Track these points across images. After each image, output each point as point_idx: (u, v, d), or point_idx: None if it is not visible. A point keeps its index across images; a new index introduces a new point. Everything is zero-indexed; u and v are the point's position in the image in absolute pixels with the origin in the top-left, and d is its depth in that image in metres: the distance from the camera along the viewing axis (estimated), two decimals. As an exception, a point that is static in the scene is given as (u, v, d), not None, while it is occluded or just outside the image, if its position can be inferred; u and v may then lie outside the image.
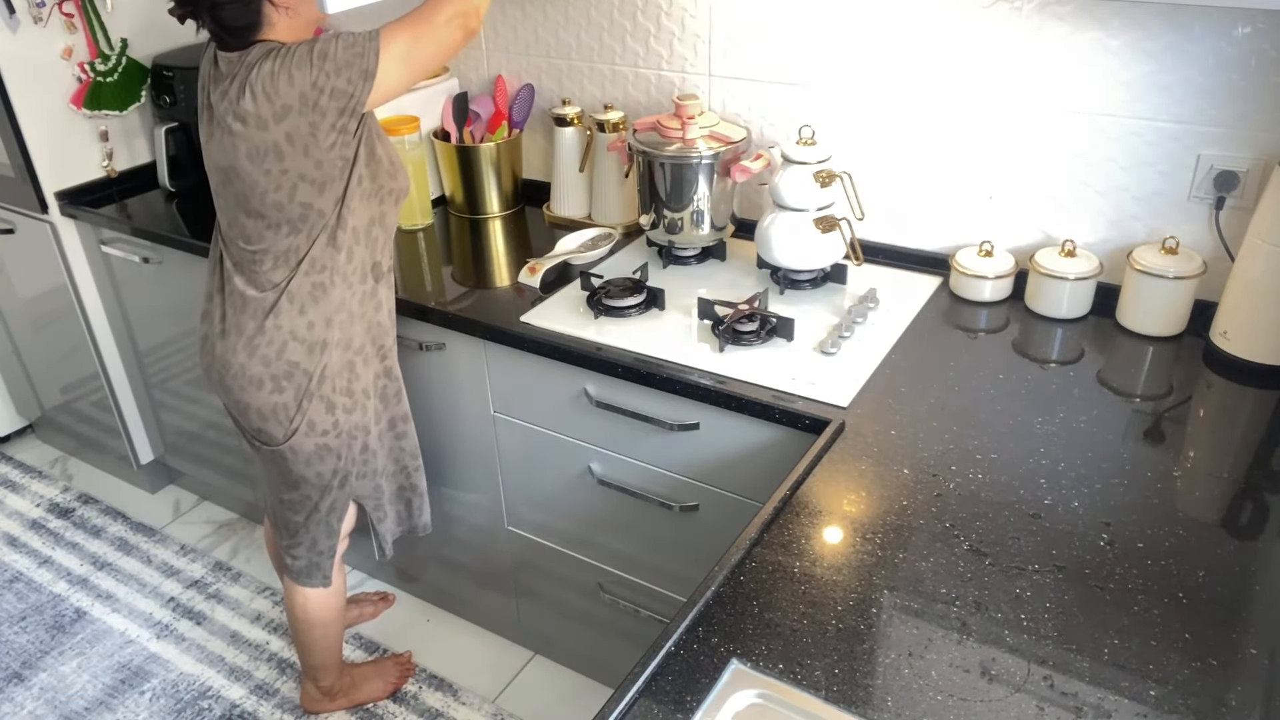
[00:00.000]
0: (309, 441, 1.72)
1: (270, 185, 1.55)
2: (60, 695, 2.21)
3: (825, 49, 1.80)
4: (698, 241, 1.90)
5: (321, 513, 1.82)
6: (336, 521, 1.85)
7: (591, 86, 2.12)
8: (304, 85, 1.48)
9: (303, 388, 1.68)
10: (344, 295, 1.68)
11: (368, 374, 1.76)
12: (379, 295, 1.74)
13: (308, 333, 1.66)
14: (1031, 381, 1.50)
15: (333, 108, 1.50)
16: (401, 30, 1.51)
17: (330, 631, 1.98)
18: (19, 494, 2.89)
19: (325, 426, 1.72)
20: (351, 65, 1.49)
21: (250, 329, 1.66)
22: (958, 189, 1.78)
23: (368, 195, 1.63)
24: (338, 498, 1.81)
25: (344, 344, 1.70)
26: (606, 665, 2.10)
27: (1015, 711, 0.95)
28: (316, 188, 1.56)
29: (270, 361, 1.66)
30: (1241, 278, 1.49)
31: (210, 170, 1.63)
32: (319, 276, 1.64)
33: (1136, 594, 1.08)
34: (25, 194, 2.40)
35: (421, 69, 1.55)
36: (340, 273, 1.66)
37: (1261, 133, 1.50)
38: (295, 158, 1.53)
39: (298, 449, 1.72)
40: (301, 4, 1.54)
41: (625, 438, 1.70)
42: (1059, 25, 1.58)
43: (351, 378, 1.73)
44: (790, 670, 1.00)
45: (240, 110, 1.51)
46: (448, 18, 1.51)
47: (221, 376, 1.71)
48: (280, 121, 1.50)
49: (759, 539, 1.18)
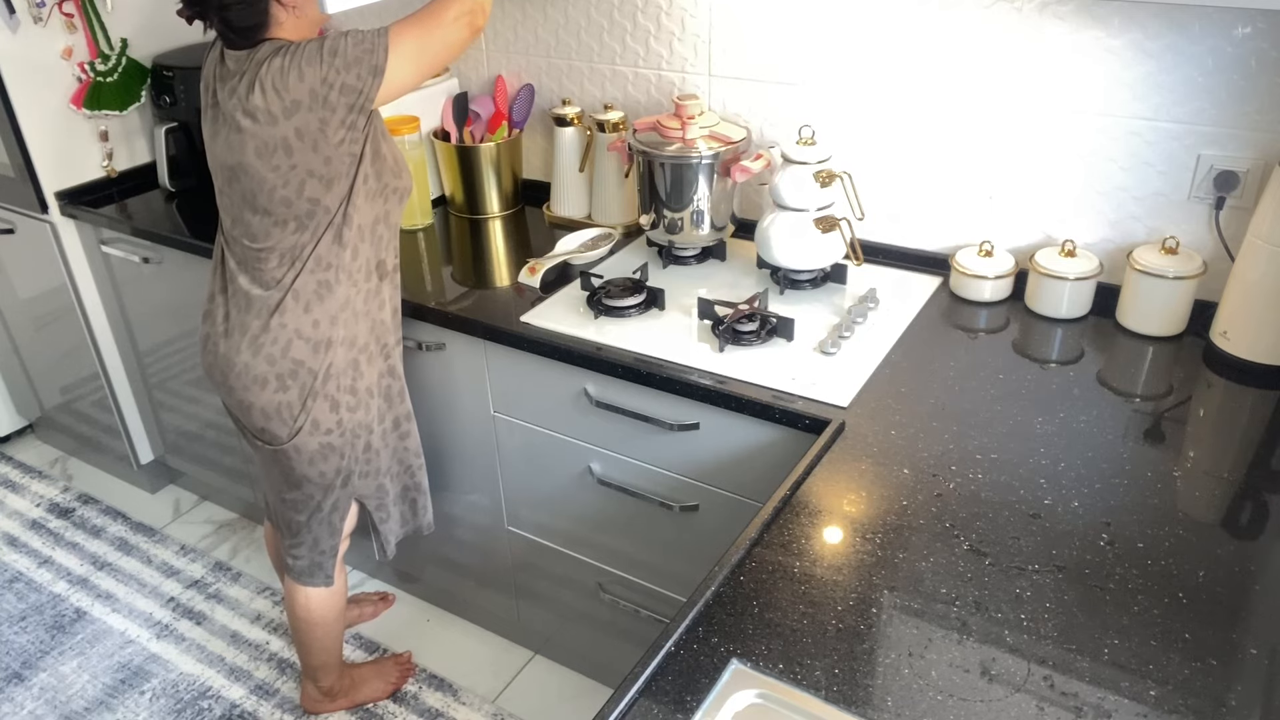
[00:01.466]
0: (313, 440, 1.72)
1: (279, 181, 1.56)
2: (60, 695, 2.21)
3: (825, 49, 1.80)
4: (698, 241, 1.90)
5: (324, 512, 1.82)
6: (339, 521, 1.85)
7: (591, 86, 2.12)
8: (314, 81, 1.49)
9: (307, 386, 1.68)
10: (349, 293, 1.68)
11: (372, 372, 1.76)
12: (383, 293, 1.74)
13: (313, 331, 1.67)
14: (1031, 381, 1.50)
15: (342, 103, 1.51)
16: (410, 28, 1.53)
17: (331, 631, 1.98)
18: (19, 494, 2.89)
19: (329, 425, 1.72)
20: (361, 61, 1.50)
21: (255, 328, 1.66)
22: (958, 189, 1.78)
23: (373, 194, 1.64)
24: (340, 497, 1.81)
25: (349, 342, 1.71)
26: (606, 665, 2.10)
27: (1015, 711, 0.95)
28: (324, 184, 1.57)
29: (275, 360, 1.66)
30: (1241, 278, 1.49)
31: (215, 169, 1.64)
32: (324, 274, 1.65)
33: (1136, 594, 1.08)
34: (25, 194, 2.40)
35: (429, 66, 1.57)
36: (345, 270, 1.66)
37: (1261, 133, 1.50)
38: (304, 153, 1.53)
39: (301, 448, 1.72)
40: (307, 3, 1.55)
41: (625, 438, 1.70)
42: (1059, 25, 1.58)
43: (356, 376, 1.73)
44: (790, 670, 1.00)
45: (250, 106, 1.51)
46: (455, 15, 1.55)
47: (225, 376, 1.71)
48: (290, 117, 1.51)
49: (759, 539, 1.18)
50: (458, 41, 1.57)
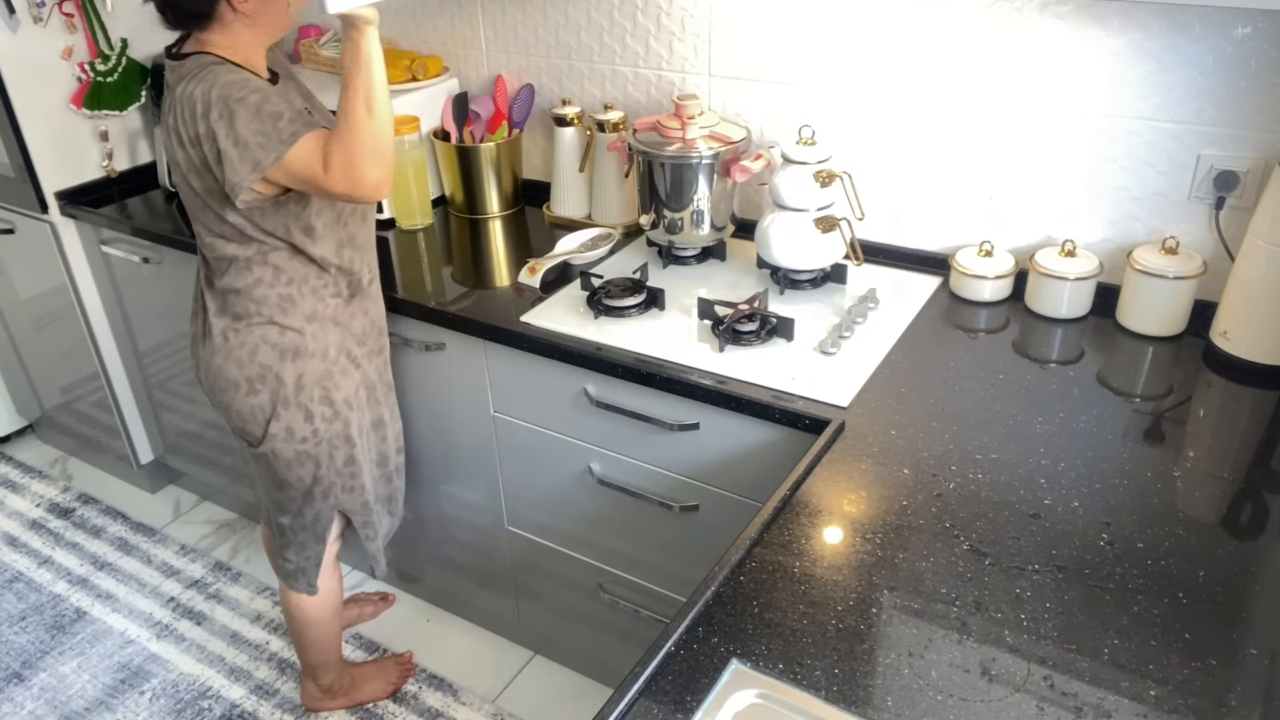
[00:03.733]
0: (289, 448, 1.72)
1: (212, 200, 1.54)
2: (60, 695, 2.21)
3: (825, 49, 1.80)
4: (698, 241, 1.90)
5: (306, 519, 1.82)
6: (323, 530, 1.85)
7: (591, 86, 2.12)
8: (201, 131, 1.44)
9: (277, 393, 1.68)
10: (315, 306, 1.67)
11: (348, 384, 1.75)
12: (355, 307, 1.73)
13: (279, 338, 1.66)
14: (1031, 381, 1.50)
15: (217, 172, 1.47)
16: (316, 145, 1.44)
17: (327, 631, 1.98)
18: (19, 494, 2.89)
19: (304, 434, 1.71)
20: (248, 148, 1.43)
21: (225, 331, 1.66)
22: (958, 189, 1.78)
23: (330, 223, 1.63)
24: (322, 509, 1.81)
25: (320, 354, 1.69)
26: (606, 665, 2.10)
27: (1015, 711, 0.95)
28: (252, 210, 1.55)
29: (244, 364, 1.66)
30: (1241, 278, 1.49)
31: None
32: (285, 289, 1.64)
33: (1136, 594, 1.08)
34: (25, 194, 2.40)
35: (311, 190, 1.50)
36: (310, 286, 1.65)
37: (1261, 133, 1.50)
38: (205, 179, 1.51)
39: (278, 453, 1.72)
40: (261, 14, 1.49)
41: (625, 438, 1.70)
42: (1059, 25, 1.58)
43: (331, 387, 1.72)
44: (790, 670, 1.00)
45: (168, 123, 1.50)
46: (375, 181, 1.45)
47: (204, 377, 1.72)
48: (196, 146, 1.48)
49: (759, 539, 1.18)
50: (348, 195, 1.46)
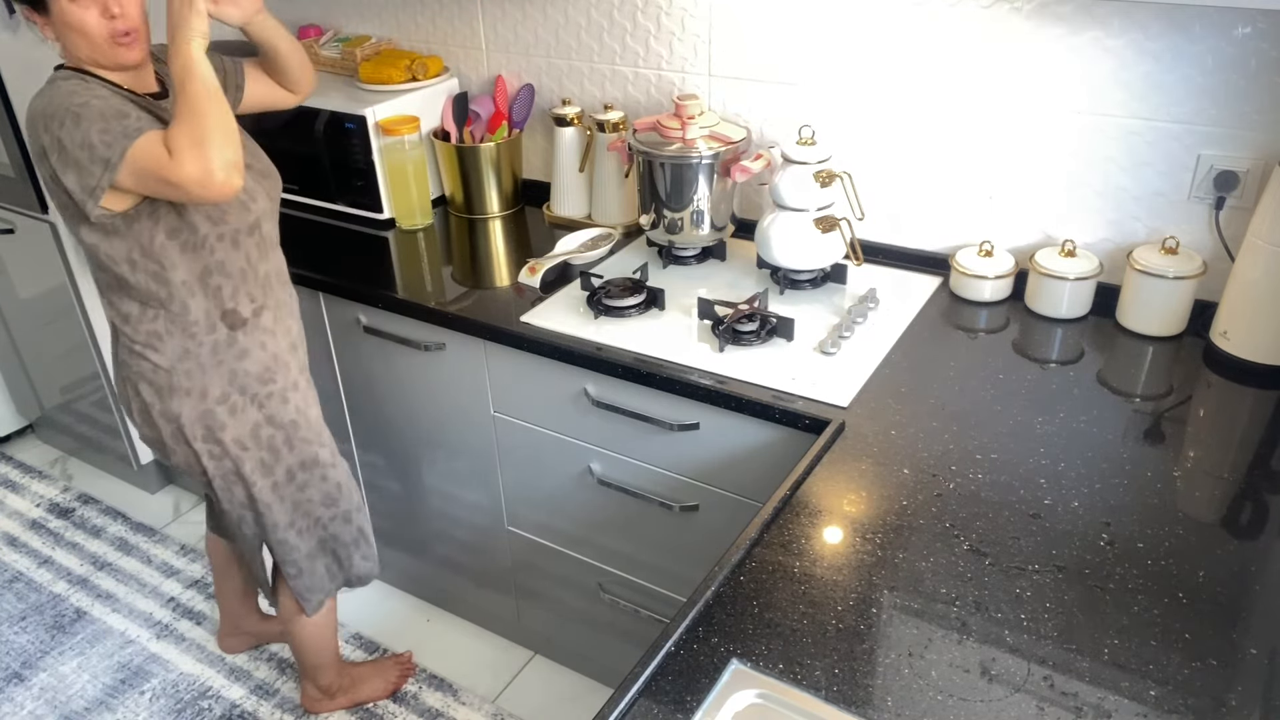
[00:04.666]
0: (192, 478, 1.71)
1: (68, 217, 1.48)
2: (60, 695, 2.21)
3: (825, 49, 1.80)
4: (698, 241, 1.90)
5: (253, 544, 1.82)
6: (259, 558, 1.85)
7: (591, 86, 2.12)
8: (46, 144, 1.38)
9: (161, 428, 1.63)
10: (185, 345, 1.57)
11: (239, 425, 1.65)
12: (241, 343, 1.61)
13: (153, 376, 1.59)
14: (1031, 381, 1.50)
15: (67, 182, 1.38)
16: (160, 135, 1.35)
17: (320, 633, 1.98)
18: (19, 494, 2.89)
19: (199, 469, 1.68)
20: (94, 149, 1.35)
21: (119, 356, 1.63)
22: (957, 189, 1.78)
23: (188, 248, 1.50)
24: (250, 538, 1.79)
25: (199, 393, 1.60)
26: (606, 665, 2.10)
27: (1015, 711, 0.95)
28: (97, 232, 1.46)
29: (130, 398, 1.64)
30: (1241, 278, 1.49)
31: None
32: (152, 324, 1.55)
33: (1136, 594, 1.08)
34: (25, 194, 2.40)
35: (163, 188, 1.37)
36: (177, 323, 1.55)
37: (1261, 133, 1.50)
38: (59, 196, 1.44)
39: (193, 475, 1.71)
40: (64, 39, 1.46)
41: (625, 438, 1.70)
42: (1058, 25, 1.58)
43: (215, 427, 1.62)
44: (790, 670, 1.00)
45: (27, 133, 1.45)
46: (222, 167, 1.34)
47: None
48: (44, 161, 1.41)
49: (759, 539, 1.18)
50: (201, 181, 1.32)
